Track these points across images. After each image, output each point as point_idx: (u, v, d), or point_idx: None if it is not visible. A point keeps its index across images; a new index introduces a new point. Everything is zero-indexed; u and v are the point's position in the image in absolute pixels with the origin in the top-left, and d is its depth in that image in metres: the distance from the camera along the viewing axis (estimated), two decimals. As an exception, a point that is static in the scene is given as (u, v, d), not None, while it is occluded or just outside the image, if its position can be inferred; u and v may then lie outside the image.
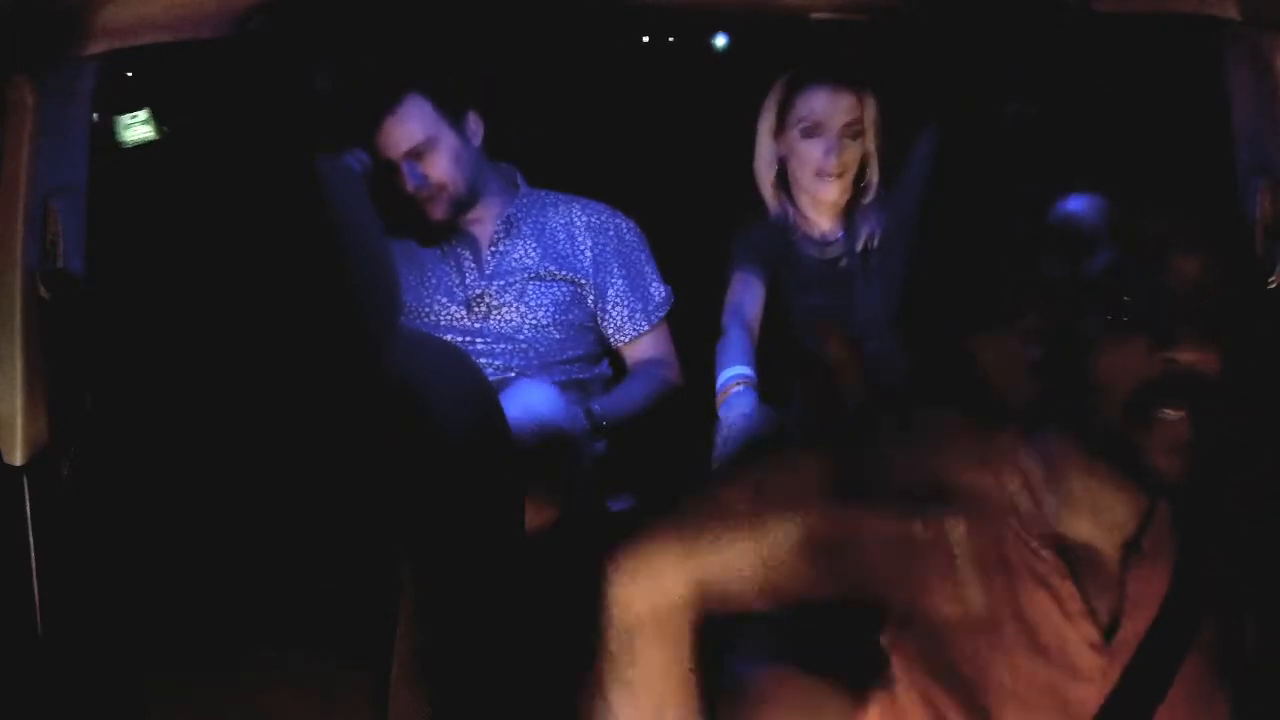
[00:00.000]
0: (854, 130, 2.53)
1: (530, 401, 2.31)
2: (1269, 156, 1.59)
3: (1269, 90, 1.56)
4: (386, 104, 2.45)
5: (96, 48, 1.61)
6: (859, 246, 2.59)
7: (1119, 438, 1.15)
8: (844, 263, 2.61)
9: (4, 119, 1.56)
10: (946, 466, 1.26)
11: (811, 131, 2.54)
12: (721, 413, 2.37)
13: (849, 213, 2.61)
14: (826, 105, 2.52)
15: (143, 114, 2.70)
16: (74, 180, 1.66)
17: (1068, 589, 1.20)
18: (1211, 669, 1.19)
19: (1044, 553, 1.21)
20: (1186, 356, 1.12)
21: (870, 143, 2.54)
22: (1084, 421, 1.18)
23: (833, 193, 2.57)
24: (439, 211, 2.53)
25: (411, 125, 2.46)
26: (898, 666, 1.27)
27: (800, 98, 2.55)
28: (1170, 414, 1.13)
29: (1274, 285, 1.59)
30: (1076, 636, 1.20)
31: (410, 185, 2.48)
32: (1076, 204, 1.21)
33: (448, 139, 2.50)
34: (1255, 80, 1.58)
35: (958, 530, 1.24)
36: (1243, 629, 1.20)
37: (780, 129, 2.59)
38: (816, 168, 2.55)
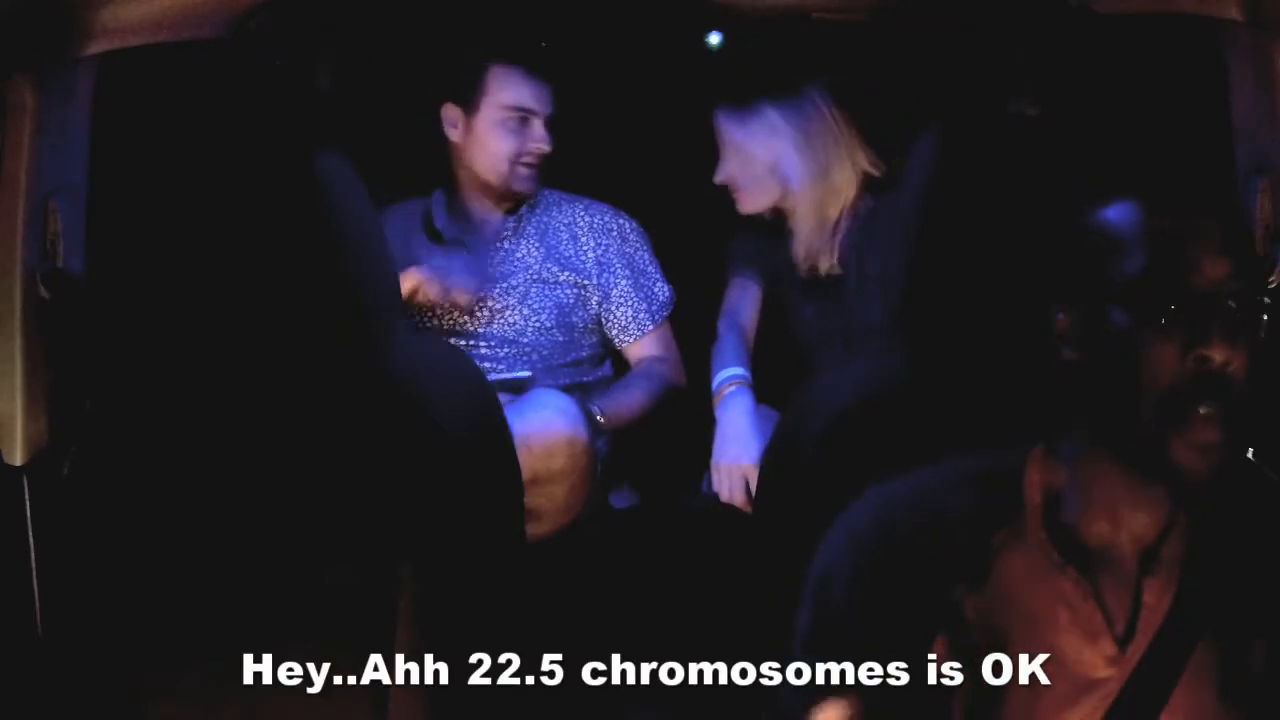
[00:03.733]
0: None
1: (546, 414, 2.31)
2: (1269, 156, 1.59)
3: (1269, 90, 1.56)
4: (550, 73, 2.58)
5: (96, 48, 1.61)
6: (841, 257, 2.56)
7: (1151, 437, 1.17)
8: (833, 272, 2.58)
9: (4, 119, 1.56)
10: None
11: None
12: (718, 414, 2.37)
13: (835, 224, 2.59)
14: None
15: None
16: (74, 180, 1.66)
17: (1089, 609, 1.22)
18: (1215, 690, 1.20)
19: (1068, 569, 1.22)
20: (1219, 354, 1.14)
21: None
22: (1116, 422, 1.19)
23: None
24: (531, 183, 2.60)
25: (555, 95, 2.59)
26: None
27: None
28: (1204, 411, 1.15)
29: (1274, 285, 1.59)
30: (1094, 654, 1.22)
31: (546, 145, 2.58)
32: (1108, 208, 1.22)
33: None
34: (1255, 80, 1.58)
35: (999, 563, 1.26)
36: (1249, 650, 1.20)
37: None
38: None
